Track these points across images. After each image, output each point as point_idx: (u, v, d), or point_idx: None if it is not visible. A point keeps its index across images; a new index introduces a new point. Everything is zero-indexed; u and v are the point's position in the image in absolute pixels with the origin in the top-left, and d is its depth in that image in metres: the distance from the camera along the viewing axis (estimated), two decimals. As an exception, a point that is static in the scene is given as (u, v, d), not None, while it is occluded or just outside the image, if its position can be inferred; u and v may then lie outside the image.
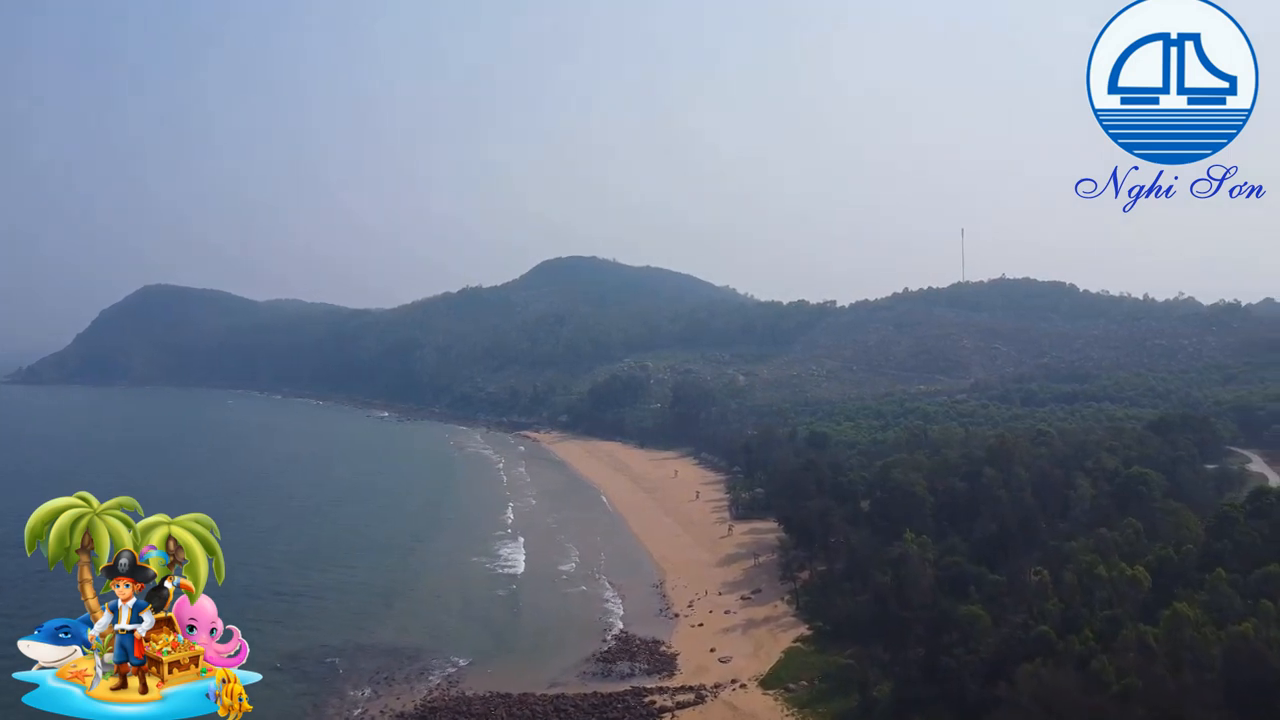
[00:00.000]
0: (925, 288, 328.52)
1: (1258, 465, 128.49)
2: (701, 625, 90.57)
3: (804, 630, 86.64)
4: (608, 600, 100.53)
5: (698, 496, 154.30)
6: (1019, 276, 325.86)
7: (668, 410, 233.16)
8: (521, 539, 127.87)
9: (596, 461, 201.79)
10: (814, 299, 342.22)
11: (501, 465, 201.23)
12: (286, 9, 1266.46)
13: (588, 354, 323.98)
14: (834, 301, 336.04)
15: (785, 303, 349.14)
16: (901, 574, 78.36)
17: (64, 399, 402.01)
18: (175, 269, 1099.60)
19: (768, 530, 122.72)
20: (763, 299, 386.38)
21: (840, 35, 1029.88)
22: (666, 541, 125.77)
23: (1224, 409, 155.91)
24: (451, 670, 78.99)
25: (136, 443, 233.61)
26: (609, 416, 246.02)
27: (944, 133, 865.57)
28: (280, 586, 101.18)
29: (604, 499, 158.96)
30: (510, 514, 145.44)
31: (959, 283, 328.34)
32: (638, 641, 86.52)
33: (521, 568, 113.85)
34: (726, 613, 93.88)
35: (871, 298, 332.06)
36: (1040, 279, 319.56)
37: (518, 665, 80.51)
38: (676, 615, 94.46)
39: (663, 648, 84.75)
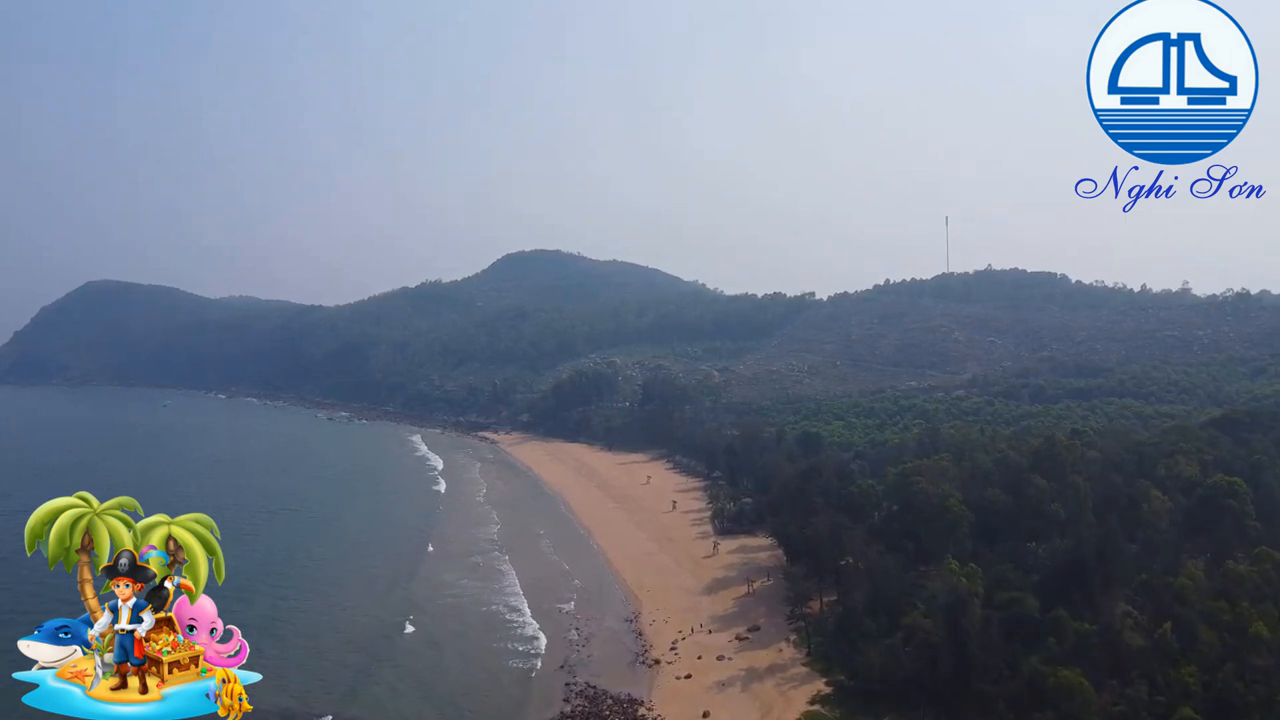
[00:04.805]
0: (909, 279, 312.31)
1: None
2: (689, 677, 72.19)
3: (821, 685, 68.62)
4: (571, 642, 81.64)
5: (674, 507, 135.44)
6: (1007, 267, 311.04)
7: (637, 409, 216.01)
8: (470, 561, 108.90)
9: (561, 466, 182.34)
10: (789, 292, 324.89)
11: (460, 472, 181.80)
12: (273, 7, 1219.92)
13: (551, 350, 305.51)
14: (812, 293, 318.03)
15: (760, 295, 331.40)
16: (958, 619, 59.55)
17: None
18: (126, 265, 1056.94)
19: (760, 548, 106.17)
20: (733, 293, 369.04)
21: (827, 34, 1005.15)
22: (641, 563, 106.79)
23: (1265, 404, 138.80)
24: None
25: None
26: (573, 415, 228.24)
27: (929, 132, 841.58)
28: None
29: (567, 511, 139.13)
30: (472, 533, 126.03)
31: (944, 274, 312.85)
32: (609, 701, 68.50)
33: (465, 600, 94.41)
34: (720, 659, 75.48)
35: (851, 290, 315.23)
36: (1029, 269, 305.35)
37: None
38: (657, 662, 76.02)
39: (641, 710, 66.68)
